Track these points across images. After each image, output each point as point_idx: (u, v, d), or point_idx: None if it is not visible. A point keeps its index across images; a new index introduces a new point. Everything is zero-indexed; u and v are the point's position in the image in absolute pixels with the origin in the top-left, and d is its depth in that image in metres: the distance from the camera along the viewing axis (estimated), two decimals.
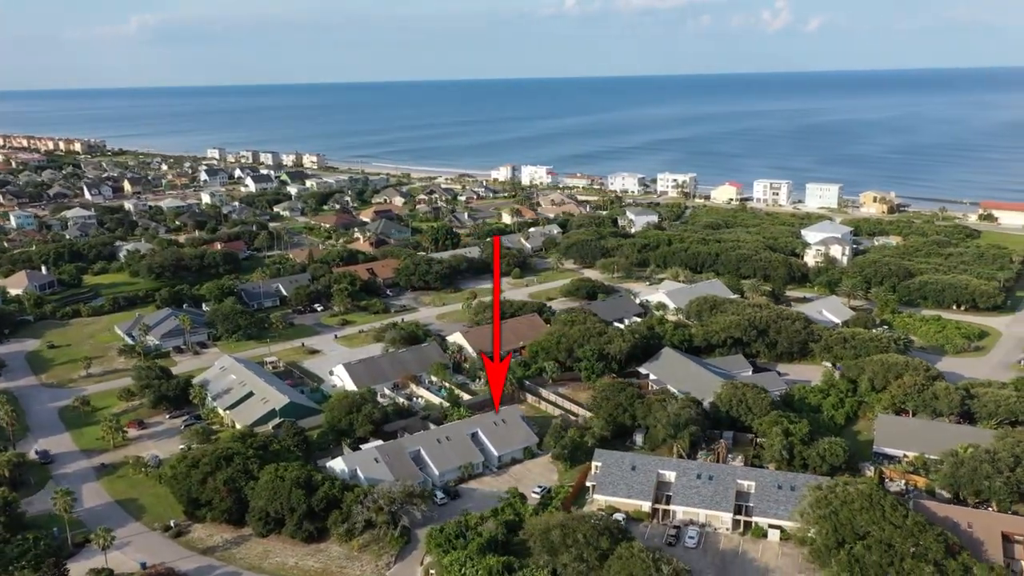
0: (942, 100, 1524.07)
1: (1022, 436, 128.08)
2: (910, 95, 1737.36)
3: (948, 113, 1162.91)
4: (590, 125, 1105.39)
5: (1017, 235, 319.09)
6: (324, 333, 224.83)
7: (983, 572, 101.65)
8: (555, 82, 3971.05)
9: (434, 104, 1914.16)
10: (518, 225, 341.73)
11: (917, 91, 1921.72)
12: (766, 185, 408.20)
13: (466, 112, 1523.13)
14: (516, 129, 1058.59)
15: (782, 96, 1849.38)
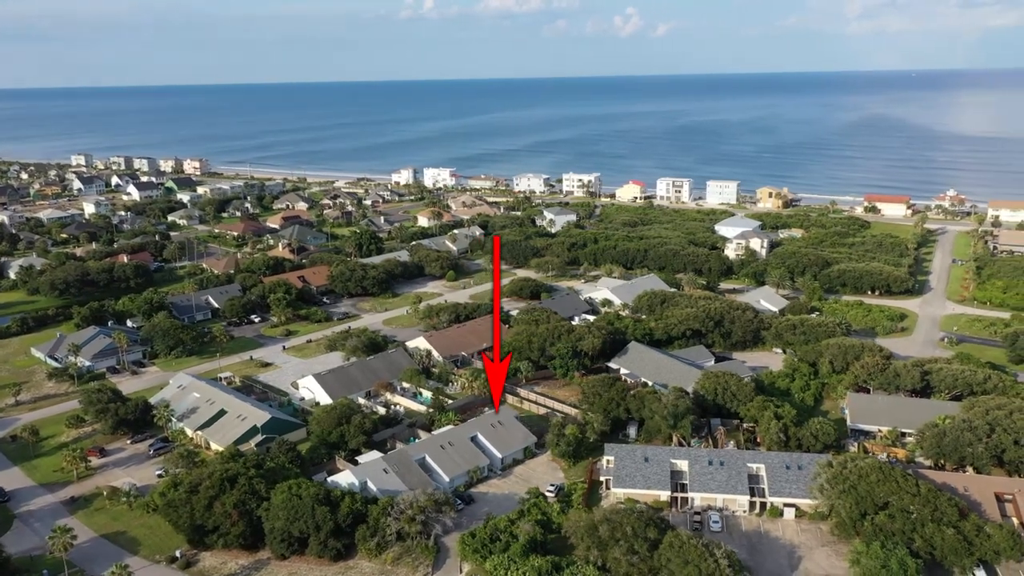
0: (790, 102, 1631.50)
1: (988, 404, 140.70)
2: (760, 97, 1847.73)
3: (801, 114, 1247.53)
4: (472, 127, 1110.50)
5: (899, 224, 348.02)
6: (269, 345, 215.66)
7: (994, 530, 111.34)
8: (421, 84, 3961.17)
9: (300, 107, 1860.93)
10: (439, 228, 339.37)
11: (765, 94, 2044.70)
12: (669, 183, 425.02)
13: (340, 115, 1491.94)
14: (399, 132, 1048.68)
15: (645, 98, 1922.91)
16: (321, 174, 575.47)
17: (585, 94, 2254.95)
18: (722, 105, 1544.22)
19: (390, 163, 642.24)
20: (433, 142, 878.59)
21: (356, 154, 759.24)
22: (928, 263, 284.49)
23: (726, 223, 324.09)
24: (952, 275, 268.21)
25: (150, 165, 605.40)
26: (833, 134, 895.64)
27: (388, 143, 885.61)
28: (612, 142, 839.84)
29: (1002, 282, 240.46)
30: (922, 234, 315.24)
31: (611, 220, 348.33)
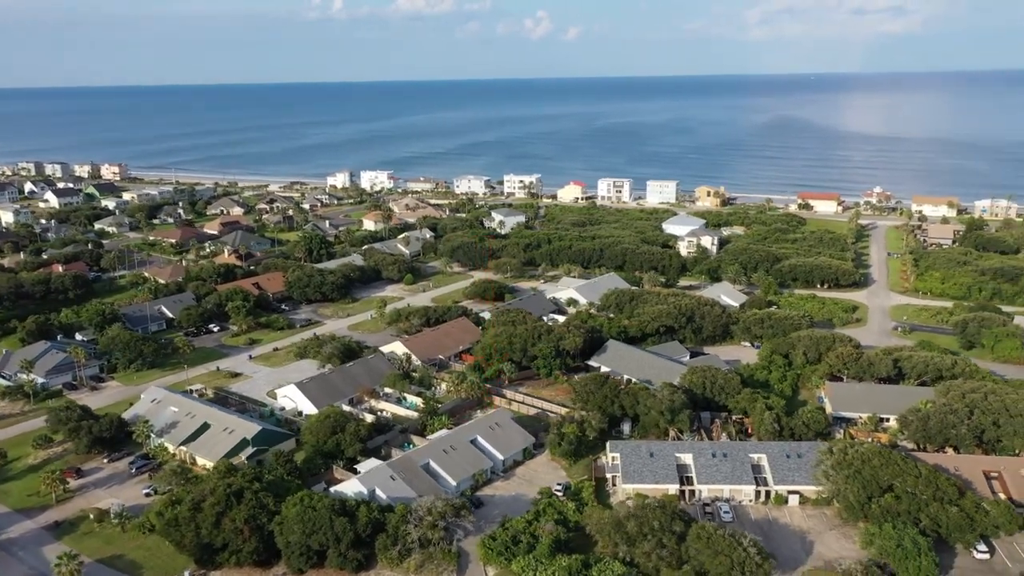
0: (700, 104, 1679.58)
1: (963, 388, 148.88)
2: (669, 100, 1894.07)
3: (713, 116, 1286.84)
4: (395, 130, 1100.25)
5: (832, 220, 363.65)
6: (234, 354, 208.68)
7: (992, 506, 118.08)
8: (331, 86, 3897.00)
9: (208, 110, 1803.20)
10: (388, 231, 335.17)
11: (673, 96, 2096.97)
12: (610, 183, 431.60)
13: (253, 117, 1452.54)
14: (320, 135, 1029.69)
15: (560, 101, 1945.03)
16: (251, 178, 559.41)
17: (501, 97, 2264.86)
18: (636, 107, 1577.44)
19: (317, 166, 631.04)
20: (358, 145, 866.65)
21: (279, 157, 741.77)
22: (866, 256, 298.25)
23: (672, 222, 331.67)
24: (890, 267, 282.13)
25: (64, 171, 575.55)
26: (749, 135, 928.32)
27: (311, 146, 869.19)
28: (540, 144, 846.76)
29: (939, 273, 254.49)
30: (856, 229, 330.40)
31: (559, 221, 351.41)
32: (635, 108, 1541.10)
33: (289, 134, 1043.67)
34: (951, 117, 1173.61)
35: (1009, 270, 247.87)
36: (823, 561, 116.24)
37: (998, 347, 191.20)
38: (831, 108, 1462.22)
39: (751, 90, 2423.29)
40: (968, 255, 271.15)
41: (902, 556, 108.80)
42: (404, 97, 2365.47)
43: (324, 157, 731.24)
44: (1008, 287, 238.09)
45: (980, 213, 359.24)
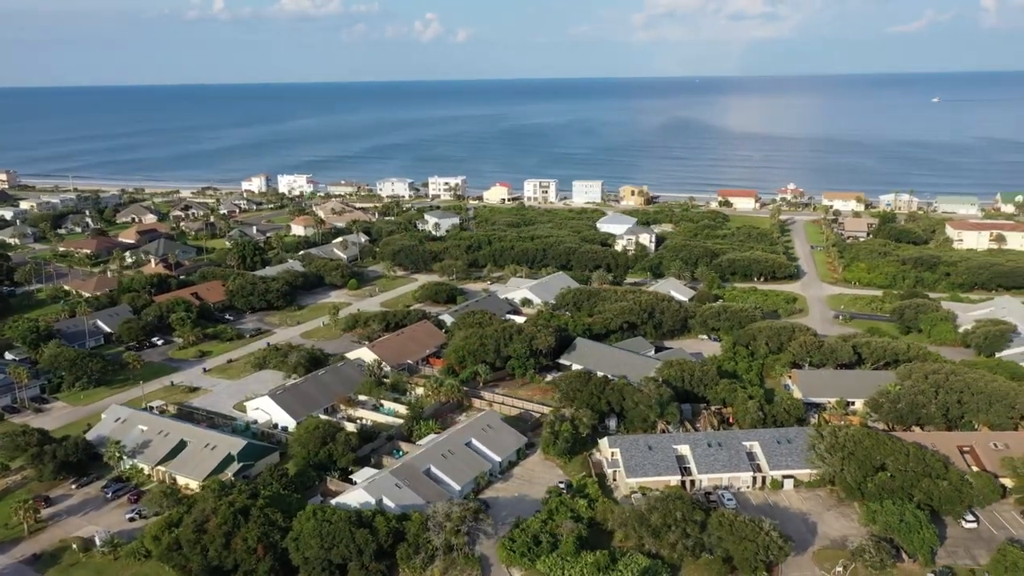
0: (594, 106, 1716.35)
1: (925, 369, 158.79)
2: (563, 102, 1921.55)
3: (611, 117, 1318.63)
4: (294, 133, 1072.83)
5: (751, 216, 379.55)
6: (185, 368, 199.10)
7: (976, 479, 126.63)
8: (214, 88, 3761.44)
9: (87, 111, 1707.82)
10: (321, 236, 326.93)
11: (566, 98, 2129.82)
12: (535, 184, 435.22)
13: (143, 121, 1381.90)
14: (216, 138, 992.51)
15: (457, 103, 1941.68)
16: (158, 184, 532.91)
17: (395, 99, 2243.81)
18: (535, 109, 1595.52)
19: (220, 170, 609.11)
20: (259, 149, 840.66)
21: (179, 162, 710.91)
22: (792, 250, 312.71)
23: (606, 221, 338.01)
24: (816, 260, 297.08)
25: None
26: (651, 135, 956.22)
27: (210, 150, 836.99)
28: (451, 146, 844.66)
29: (864, 263, 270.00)
30: (778, 225, 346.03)
31: (493, 222, 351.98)
32: (535, 110, 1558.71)
33: (182, 138, 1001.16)
34: (832, 118, 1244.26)
35: (928, 259, 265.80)
36: (829, 540, 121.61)
37: (934, 331, 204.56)
38: (721, 110, 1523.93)
39: (641, 92, 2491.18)
40: (887, 246, 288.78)
41: (906, 530, 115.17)
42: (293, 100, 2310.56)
43: (226, 161, 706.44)
44: (928, 275, 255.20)
45: (885, 207, 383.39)
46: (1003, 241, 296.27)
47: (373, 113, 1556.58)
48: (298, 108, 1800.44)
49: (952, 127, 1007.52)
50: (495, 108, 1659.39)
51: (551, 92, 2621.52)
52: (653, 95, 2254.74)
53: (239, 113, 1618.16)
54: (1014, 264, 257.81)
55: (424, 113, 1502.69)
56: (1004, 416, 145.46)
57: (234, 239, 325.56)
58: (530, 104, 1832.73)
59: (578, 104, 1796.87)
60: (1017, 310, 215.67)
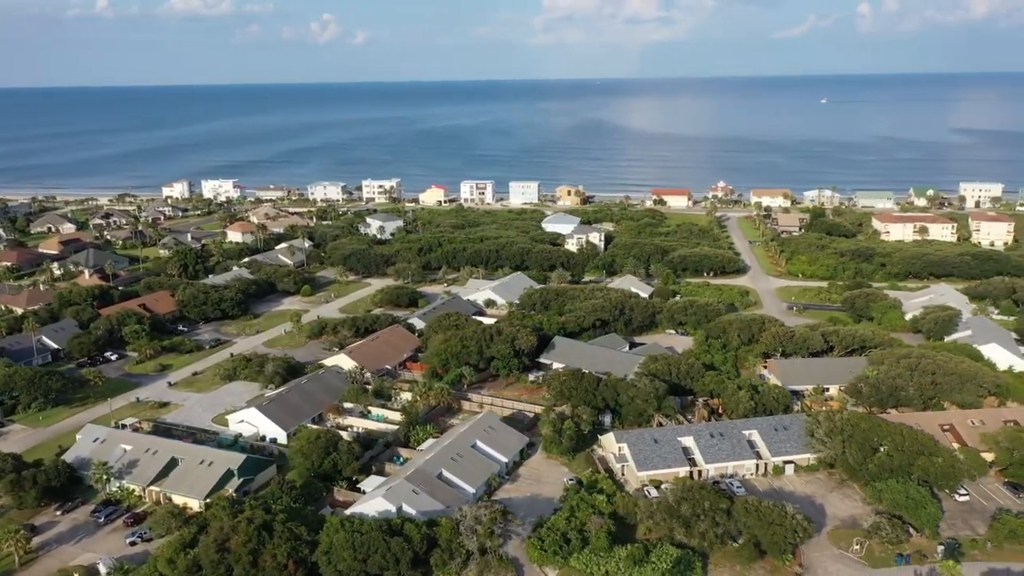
0: (505, 108, 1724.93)
1: (896, 354, 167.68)
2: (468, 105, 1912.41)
3: (523, 119, 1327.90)
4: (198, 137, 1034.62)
5: (686, 214, 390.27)
6: (147, 383, 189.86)
7: (964, 454, 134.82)
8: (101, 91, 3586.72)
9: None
10: (263, 242, 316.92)
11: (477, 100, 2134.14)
12: (472, 185, 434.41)
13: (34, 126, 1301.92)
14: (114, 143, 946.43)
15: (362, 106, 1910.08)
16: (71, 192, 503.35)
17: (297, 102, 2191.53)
18: (445, 111, 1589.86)
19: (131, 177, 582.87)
20: (165, 153, 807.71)
21: (83, 168, 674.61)
22: (733, 246, 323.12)
23: (551, 220, 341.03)
24: (757, 254, 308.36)
25: None
26: (566, 136, 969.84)
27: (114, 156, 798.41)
28: (369, 148, 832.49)
29: (805, 256, 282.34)
30: (715, 221, 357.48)
31: (438, 224, 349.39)
32: (446, 112, 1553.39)
33: (79, 144, 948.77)
34: (735, 118, 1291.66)
35: (864, 251, 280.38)
36: (839, 520, 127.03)
37: (884, 318, 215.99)
38: (628, 111, 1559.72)
39: (545, 94, 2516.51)
40: (823, 240, 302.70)
41: (913, 506, 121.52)
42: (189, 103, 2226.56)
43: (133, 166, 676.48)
44: (866, 266, 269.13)
45: (809, 203, 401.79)
46: (926, 232, 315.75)
47: (277, 116, 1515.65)
48: (196, 111, 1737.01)
49: (846, 126, 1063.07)
50: (405, 111, 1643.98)
51: (458, 94, 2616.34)
52: (558, 97, 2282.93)
53: (134, 117, 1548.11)
54: (942, 254, 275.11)
55: (333, 116, 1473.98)
56: (975, 395, 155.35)
57: (169, 247, 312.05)
58: (440, 106, 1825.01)
59: (487, 106, 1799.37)
60: (953, 296, 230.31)
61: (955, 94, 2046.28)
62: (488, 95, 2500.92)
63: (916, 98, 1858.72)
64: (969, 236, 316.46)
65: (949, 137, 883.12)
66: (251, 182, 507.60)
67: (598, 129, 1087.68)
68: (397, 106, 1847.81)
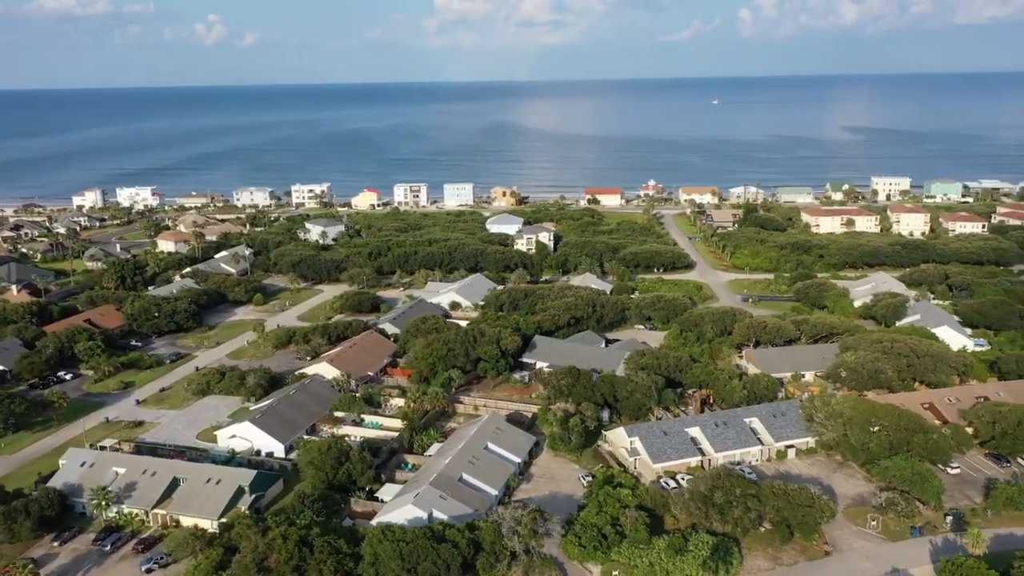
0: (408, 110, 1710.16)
1: (869, 338, 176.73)
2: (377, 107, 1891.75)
3: (430, 121, 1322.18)
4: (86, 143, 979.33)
5: (622, 213, 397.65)
6: (112, 402, 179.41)
7: (954, 429, 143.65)
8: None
9: None
10: (200, 251, 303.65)
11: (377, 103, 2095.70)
12: (406, 188, 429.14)
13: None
14: None
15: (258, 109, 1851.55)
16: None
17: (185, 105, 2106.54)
18: (347, 114, 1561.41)
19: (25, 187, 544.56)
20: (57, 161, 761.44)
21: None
22: (676, 243, 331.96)
23: (495, 221, 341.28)
24: (699, 250, 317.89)
25: None
26: (478, 138, 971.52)
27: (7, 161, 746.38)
28: (277, 153, 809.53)
29: (748, 250, 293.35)
30: (653, 219, 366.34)
31: (380, 227, 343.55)
32: (349, 115, 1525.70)
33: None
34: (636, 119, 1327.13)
35: (802, 243, 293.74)
36: (849, 499, 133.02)
37: (836, 306, 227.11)
38: (532, 113, 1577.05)
39: (446, 96, 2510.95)
40: (760, 234, 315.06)
41: (919, 481, 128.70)
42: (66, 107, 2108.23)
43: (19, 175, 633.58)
44: (805, 258, 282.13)
45: (736, 199, 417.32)
46: (853, 225, 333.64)
47: (166, 120, 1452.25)
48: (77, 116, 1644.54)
49: (744, 126, 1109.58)
50: (305, 114, 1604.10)
51: (356, 97, 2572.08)
52: (459, 99, 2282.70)
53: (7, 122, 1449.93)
54: (875, 244, 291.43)
55: (228, 120, 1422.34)
56: (948, 374, 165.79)
57: (98, 259, 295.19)
58: (340, 110, 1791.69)
59: (390, 109, 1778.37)
60: (892, 284, 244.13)
61: (832, 95, 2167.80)
62: (388, 98, 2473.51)
63: (799, 99, 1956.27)
64: (890, 227, 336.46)
65: (841, 135, 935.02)
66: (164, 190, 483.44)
67: (510, 131, 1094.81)
68: (295, 109, 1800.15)
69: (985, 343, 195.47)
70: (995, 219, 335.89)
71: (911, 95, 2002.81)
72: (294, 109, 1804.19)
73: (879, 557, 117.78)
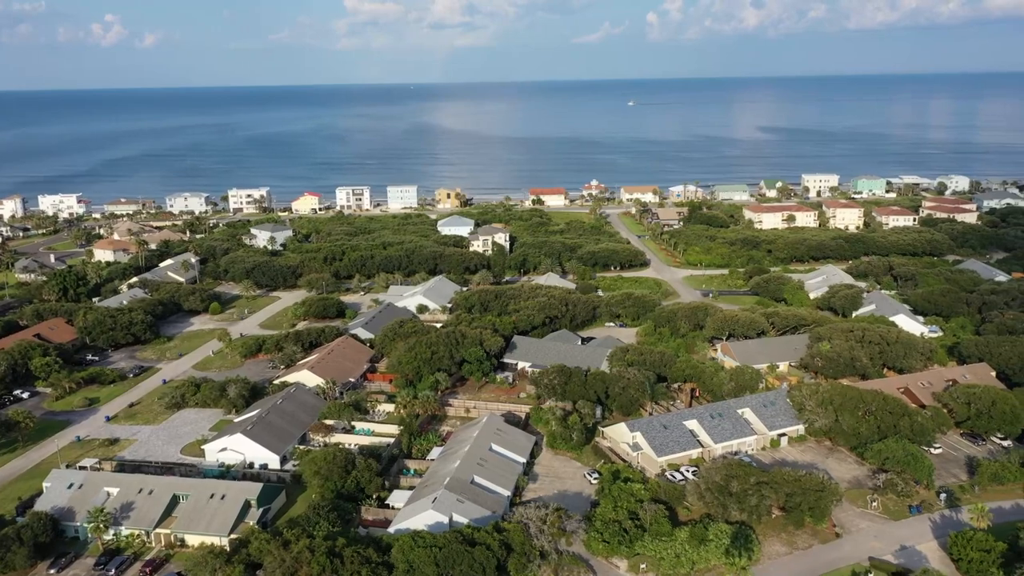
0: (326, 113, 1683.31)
1: (840, 327, 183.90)
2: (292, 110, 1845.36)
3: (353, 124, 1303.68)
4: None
5: (567, 212, 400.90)
6: (79, 420, 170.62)
7: (933, 411, 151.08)
8: None
9: None
10: (145, 259, 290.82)
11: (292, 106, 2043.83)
12: (348, 192, 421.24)
13: None
14: None
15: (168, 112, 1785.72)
16: None
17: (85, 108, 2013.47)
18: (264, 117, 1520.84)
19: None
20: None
21: None
22: (626, 241, 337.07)
23: (447, 223, 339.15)
24: (650, 247, 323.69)
25: None
26: (406, 140, 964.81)
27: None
28: (197, 157, 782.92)
29: (699, 247, 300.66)
30: (601, 218, 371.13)
31: (328, 232, 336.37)
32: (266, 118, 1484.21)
33: None
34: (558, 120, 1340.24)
35: (750, 239, 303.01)
36: (846, 482, 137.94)
37: (795, 299, 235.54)
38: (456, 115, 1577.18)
39: (362, 99, 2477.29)
40: (709, 231, 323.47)
41: (911, 461, 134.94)
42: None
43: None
44: (755, 253, 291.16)
45: (676, 197, 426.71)
46: (793, 220, 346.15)
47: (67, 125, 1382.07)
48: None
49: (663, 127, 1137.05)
50: (216, 117, 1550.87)
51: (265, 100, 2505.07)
52: (376, 102, 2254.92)
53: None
54: (819, 239, 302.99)
55: (135, 124, 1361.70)
56: (918, 360, 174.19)
57: (32, 270, 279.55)
58: (252, 112, 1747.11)
59: (304, 112, 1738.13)
60: (841, 276, 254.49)
61: (739, 96, 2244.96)
62: (300, 100, 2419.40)
63: (709, 100, 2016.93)
64: (827, 222, 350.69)
65: (759, 135, 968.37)
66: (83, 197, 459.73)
67: (436, 133, 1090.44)
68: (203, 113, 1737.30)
69: (938, 329, 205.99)
70: (923, 212, 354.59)
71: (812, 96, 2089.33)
72: (202, 112, 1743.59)
73: (886, 536, 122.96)
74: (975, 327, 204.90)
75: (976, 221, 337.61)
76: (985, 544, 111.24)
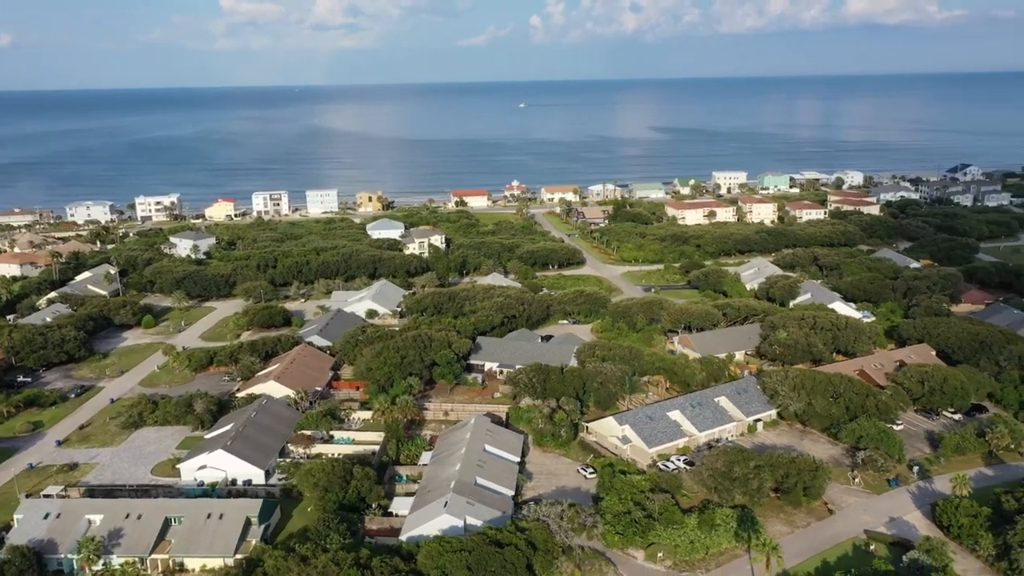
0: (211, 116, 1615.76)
1: (791, 315, 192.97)
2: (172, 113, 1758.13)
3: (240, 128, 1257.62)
4: None
5: (492, 213, 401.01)
6: (25, 447, 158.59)
7: (893, 390, 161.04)
8: None
9: None
10: (59, 273, 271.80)
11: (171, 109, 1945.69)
12: (266, 197, 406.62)
13: None
14: None
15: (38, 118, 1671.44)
16: None
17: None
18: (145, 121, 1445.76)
19: None
20: None
21: None
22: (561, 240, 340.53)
23: (376, 227, 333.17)
24: (582, 246, 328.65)
25: None
26: (301, 143, 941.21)
27: None
28: (80, 165, 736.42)
29: (632, 244, 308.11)
30: (529, 218, 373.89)
31: (254, 239, 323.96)
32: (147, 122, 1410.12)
33: None
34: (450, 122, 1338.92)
35: (679, 235, 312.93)
36: (823, 461, 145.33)
37: (734, 290, 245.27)
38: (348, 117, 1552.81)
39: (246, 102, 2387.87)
40: (637, 228, 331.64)
41: (884, 438, 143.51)
42: None
43: None
44: (686, 248, 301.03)
45: (595, 196, 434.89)
46: (714, 216, 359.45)
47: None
48: None
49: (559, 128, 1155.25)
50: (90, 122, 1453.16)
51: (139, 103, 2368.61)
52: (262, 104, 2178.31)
53: None
54: (743, 233, 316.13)
55: None
56: (867, 344, 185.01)
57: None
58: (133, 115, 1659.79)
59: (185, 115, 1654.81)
60: (770, 268, 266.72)
61: (624, 97, 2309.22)
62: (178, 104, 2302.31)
63: (597, 102, 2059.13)
64: (744, 217, 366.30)
65: (653, 135, 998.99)
66: None
67: (332, 136, 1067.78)
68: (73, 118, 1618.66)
69: (870, 315, 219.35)
70: (831, 206, 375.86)
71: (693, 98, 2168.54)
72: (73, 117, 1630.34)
73: (873, 509, 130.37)
74: (903, 311, 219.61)
75: (879, 213, 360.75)
76: (972, 510, 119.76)
